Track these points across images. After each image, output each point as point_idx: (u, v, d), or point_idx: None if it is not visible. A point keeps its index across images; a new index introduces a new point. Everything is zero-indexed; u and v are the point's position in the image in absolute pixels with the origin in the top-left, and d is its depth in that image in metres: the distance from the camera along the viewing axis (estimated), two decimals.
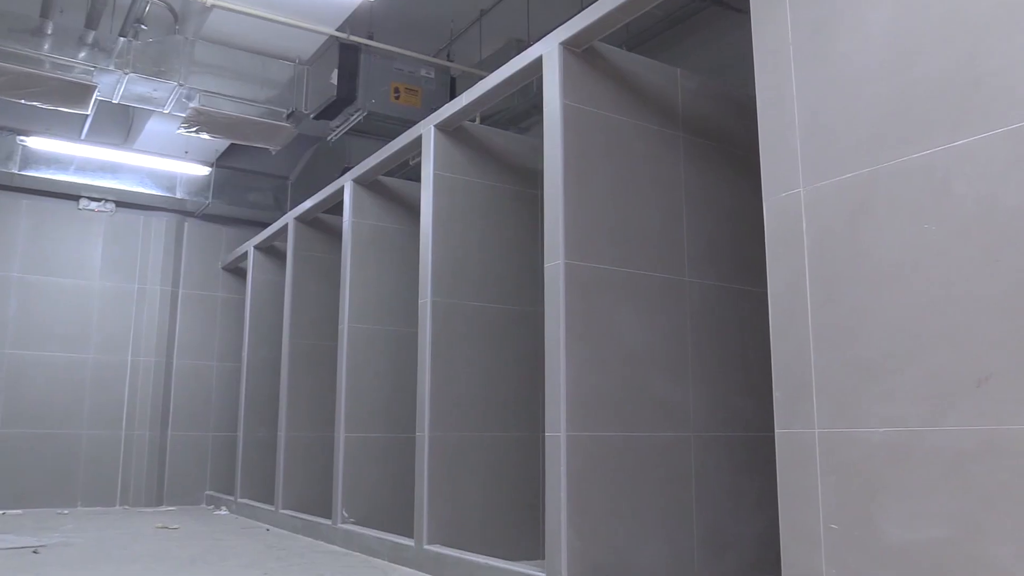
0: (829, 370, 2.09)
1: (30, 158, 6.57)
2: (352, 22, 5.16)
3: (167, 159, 6.76)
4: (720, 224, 3.61)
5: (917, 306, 1.93)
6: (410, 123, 5.08)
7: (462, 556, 3.44)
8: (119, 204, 7.26)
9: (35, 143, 6.40)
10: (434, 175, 4.05)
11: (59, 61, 4.83)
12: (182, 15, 5.01)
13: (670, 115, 3.53)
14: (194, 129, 5.43)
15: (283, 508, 5.55)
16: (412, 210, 5.11)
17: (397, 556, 3.95)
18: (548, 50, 3.26)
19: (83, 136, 6.59)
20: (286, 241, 6.14)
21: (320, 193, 5.52)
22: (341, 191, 5.14)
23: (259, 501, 6.30)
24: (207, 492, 7.25)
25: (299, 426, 5.70)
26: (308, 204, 5.70)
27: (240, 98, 5.32)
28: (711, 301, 3.49)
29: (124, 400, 7.05)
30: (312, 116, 5.44)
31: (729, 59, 4.36)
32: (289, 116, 5.49)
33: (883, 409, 1.96)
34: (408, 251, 5.06)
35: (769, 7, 2.37)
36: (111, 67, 4.92)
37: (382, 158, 4.68)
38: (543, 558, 3.96)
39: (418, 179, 4.44)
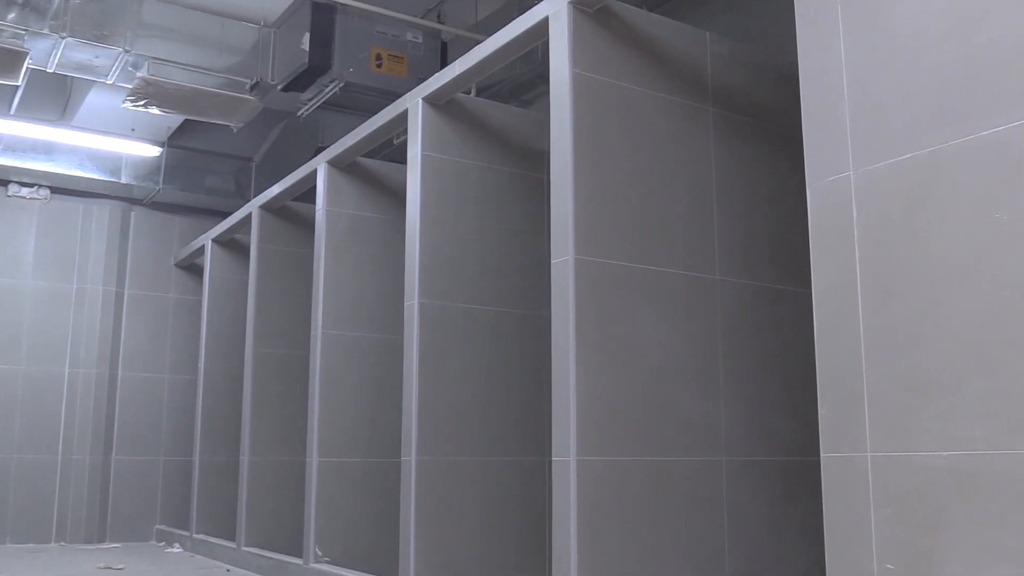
0: (883, 383, 2.09)
1: None
2: None
3: (110, 138, 6.76)
4: (756, 213, 3.61)
5: (986, 308, 1.94)
6: (394, 95, 5.08)
7: None
8: (54, 190, 7.27)
9: None
10: (422, 156, 4.06)
11: None
12: None
13: (698, 86, 3.53)
14: (142, 103, 5.43)
15: (246, 545, 5.55)
16: (396, 197, 5.12)
17: None
18: (555, 10, 3.26)
19: (12, 111, 6.59)
20: (249, 233, 6.15)
21: (289, 177, 5.52)
22: (314, 175, 5.15)
23: (218, 537, 6.30)
24: (157, 526, 7.25)
25: (265, 449, 5.70)
26: (275, 190, 5.71)
27: (196, 66, 5.32)
28: (746, 303, 3.49)
29: (61, 419, 7.05)
30: (280, 87, 5.44)
31: (767, 21, 4.36)
32: (253, 87, 5.48)
33: (946, 429, 1.97)
34: (392, 245, 5.06)
35: None
36: (45, 30, 4.92)
37: (361, 136, 4.68)
38: None
39: (403, 161, 4.44)
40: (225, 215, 6.92)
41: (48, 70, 5.25)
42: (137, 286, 7.46)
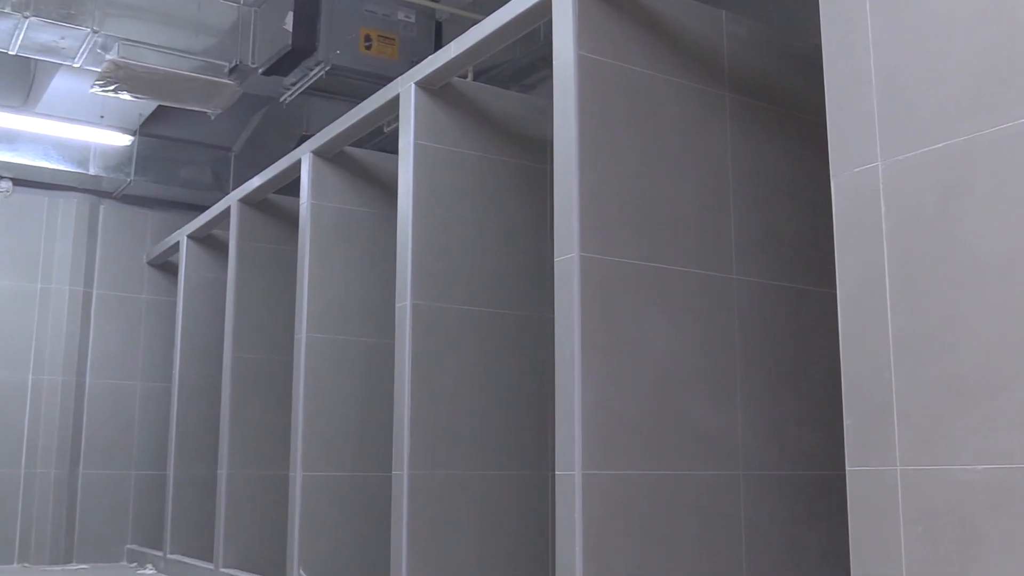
0: (914, 392, 2.09)
1: None
2: None
3: (78, 126, 6.75)
4: (776, 207, 3.61)
5: None
6: (385, 80, 5.08)
7: None
8: (17, 182, 7.26)
9: None
10: (415, 145, 4.06)
11: None
12: None
13: (713, 69, 3.53)
14: (112, 87, 5.43)
15: (224, 566, 5.55)
16: (387, 189, 5.12)
17: None
18: None
19: None
20: (228, 229, 6.15)
21: (271, 168, 5.51)
22: (297, 166, 5.15)
23: (194, 557, 6.30)
24: (128, 546, 7.25)
25: (244, 462, 5.70)
26: (256, 182, 5.71)
27: (170, 48, 5.32)
28: (765, 304, 3.49)
29: (24, 430, 7.05)
30: (261, 71, 5.44)
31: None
32: (232, 71, 5.48)
33: (983, 441, 1.96)
34: (382, 241, 5.06)
35: None
36: (7, 9, 4.92)
37: (349, 124, 4.68)
38: None
39: (394, 150, 4.43)
40: (202, 209, 6.92)
41: (10, 52, 5.25)
42: (106, 286, 7.46)
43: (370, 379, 4.97)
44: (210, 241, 6.88)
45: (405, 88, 4.17)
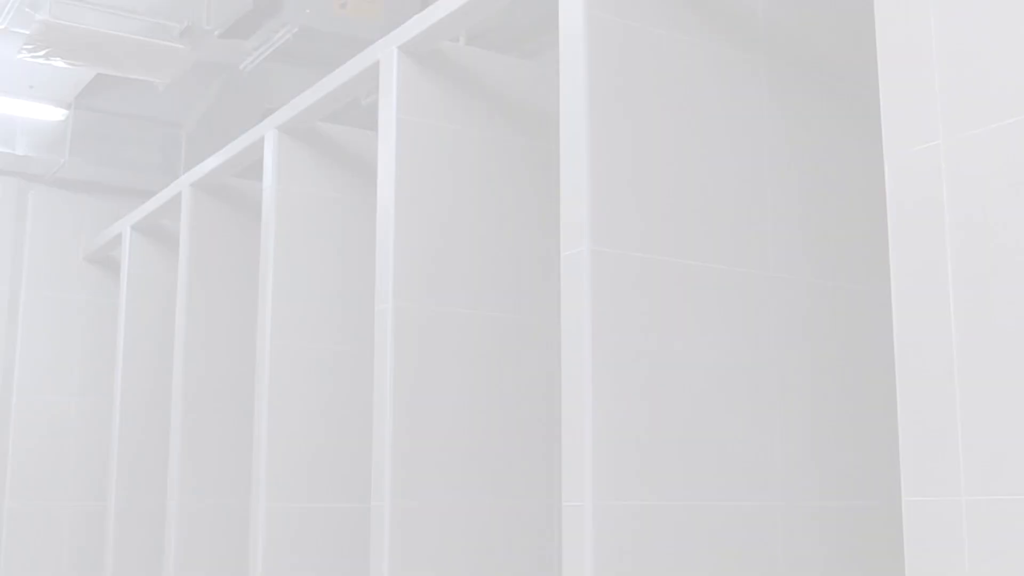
0: (982, 408, 2.09)
1: None
2: None
3: (2, 97, 6.75)
4: (821, 193, 3.60)
5: None
6: (362, 44, 5.08)
7: None
8: None
9: None
10: (398, 120, 4.05)
11: None
12: None
13: (747, 32, 3.52)
14: (43, 53, 5.42)
15: None
16: (365, 172, 5.12)
17: None
18: None
19: None
20: (179, 218, 6.14)
21: (229, 148, 5.51)
22: (261, 144, 5.15)
23: None
24: None
25: (199, 491, 5.69)
26: (212, 164, 5.70)
27: (111, 7, 5.31)
28: (807, 307, 3.49)
29: None
30: (217, 34, 5.43)
31: None
32: (183, 34, 5.48)
33: None
34: (360, 233, 5.05)
35: None
36: None
37: (321, 96, 4.68)
38: None
39: (374, 127, 4.43)
40: (148, 195, 6.91)
41: None
42: (37, 285, 7.44)
43: (345, 394, 4.96)
44: (158, 233, 6.87)
45: (386, 54, 4.16)
